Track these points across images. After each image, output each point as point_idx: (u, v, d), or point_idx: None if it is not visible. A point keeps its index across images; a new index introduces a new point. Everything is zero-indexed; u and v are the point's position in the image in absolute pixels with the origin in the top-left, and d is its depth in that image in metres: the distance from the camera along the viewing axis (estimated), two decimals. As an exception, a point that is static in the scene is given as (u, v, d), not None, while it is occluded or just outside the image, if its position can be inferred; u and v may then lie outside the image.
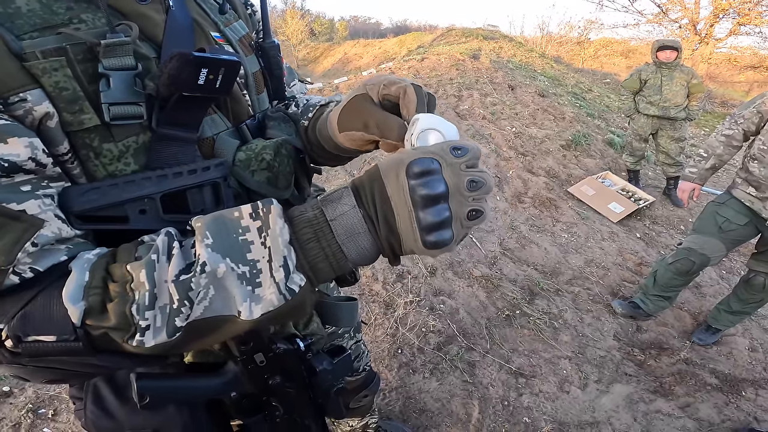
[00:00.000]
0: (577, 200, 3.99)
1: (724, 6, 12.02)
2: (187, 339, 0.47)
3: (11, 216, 0.43)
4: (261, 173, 0.64)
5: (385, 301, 2.46)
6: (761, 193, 2.06)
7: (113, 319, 0.43)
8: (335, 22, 32.09)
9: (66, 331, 0.43)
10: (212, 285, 0.45)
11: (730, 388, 2.24)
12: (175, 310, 0.44)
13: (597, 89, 8.18)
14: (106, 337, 0.44)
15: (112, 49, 0.49)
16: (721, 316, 2.45)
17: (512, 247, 3.15)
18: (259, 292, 0.46)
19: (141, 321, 0.44)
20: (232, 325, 0.47)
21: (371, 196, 0.47)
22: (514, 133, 4.71)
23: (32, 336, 0.43)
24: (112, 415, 0.65)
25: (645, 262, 3.20)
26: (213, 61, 0.53)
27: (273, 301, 0.46)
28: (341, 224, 0.47)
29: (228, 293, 0.45)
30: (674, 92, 3.90)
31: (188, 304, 0.44)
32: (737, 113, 2.21)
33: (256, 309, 0.46)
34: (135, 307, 0.43)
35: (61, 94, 0.48)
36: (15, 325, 0.43)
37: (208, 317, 0.46)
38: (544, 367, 2.22)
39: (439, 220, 0.44)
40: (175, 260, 0.45)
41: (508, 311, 2.53)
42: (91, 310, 0.43)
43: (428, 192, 0.43)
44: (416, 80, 4.98)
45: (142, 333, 0.44)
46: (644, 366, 2.34)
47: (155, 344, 0.45)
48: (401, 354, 2.16)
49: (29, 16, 0.47)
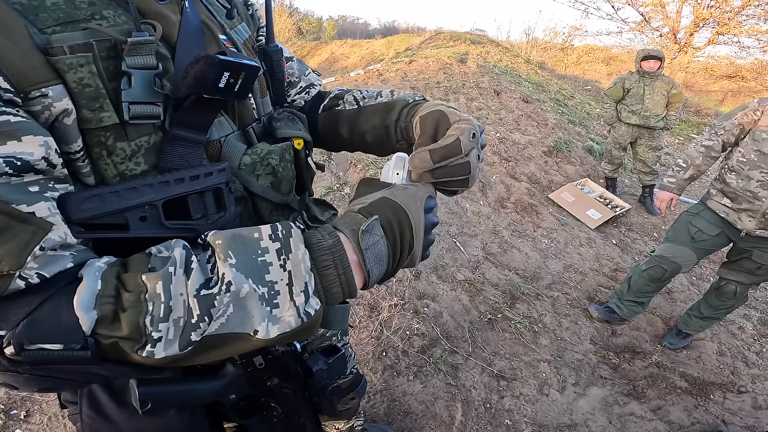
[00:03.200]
0: (558, 206, 4.06)
1: (705, 15, 12.28)
2: (196, 353, 0.47)
3: (21, 218, 0.41)
4: (266, 178, 0.66)
5: (369, 303, 2.46)
6: (737, 204, 2.07)
7: (125, 330, 0.43)
8: (323, 21, 31.88)
9: (74, 339, 0.42)
10: (233, 304, 0.46)
11: (699, 391, 2.31)
12: (192, 325, 0.45)
13: (579, 96, 8.33)
14: (116, 347, 0.43)
15: (136, 48, 0.49)
16: (691, 321, 2.51)
17: (495, 252, 3.20)
18: (277, 313, 0.48)
19: (154, 332, 0.43)
20: (244, 343, 0.48)
21: (398, 226, 0.55)
22: (498, 139, 4.77)
23: (37, 344, 0.41)
24: (110, 419, 0.64)
25: (620, 268, 3.29)
26: (235, 65, 0.53)
27: (291, 323, 0.48)
28: (374, 254, 0.54)
29: (246, 312, 0.46)
30: (655, 102, 3.95)
31: (207, 320, 0.45)
32: (717, 124, 2.20)
33: (273, 329, 0.47)
34: (149, 319, 0.43)
35: (83, 90, 0.47)
36: (20, 332, 0.41)
37: (221, 333, 0.46)
38: (525, 370, 2.26)
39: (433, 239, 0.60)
40: (194, 275, 0.45)
41: (491, 315, 2.58)
42: (102, 320, 0.43)
43: (433, 221, 0.59)
44: (404, 83, 5.02)
45: (154, 344, 0.44)
46: (618, 369, 2.41)
47: (165, 356, 0.44)
48: (386, 357, 2.17)
49: (53, 9, 0.46)
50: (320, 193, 3.35)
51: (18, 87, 0.43)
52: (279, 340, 0.49)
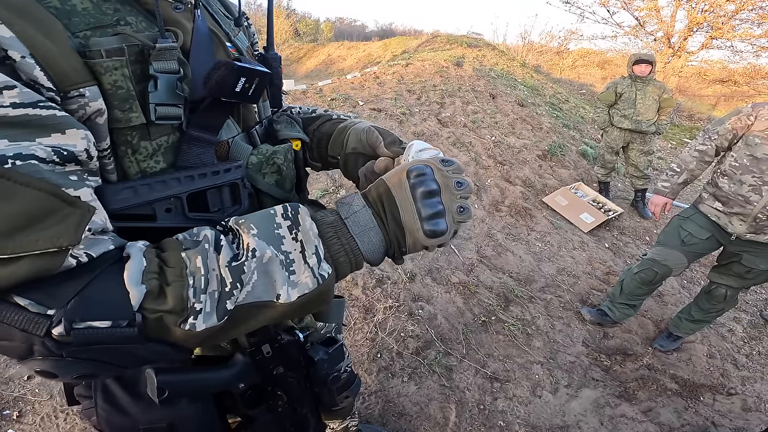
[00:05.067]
0: (551, 210, 4.09)
1: (699, 20, 12.33)
2: (229, 325, 0.50)
3: (69, 201, 0.43)
4: (271, 176, 0.70)
5: (364, 305, 2.47)
6: (728, 208, 2.08)
7: (171, 302, 0.45)
8: (320, 23, 31.83)
9: (122, 315, 0.44)
10: (257, 270, 0.50)
11: (690, 393, 2.33)
12: (227, 293, 0.48)
13: (573, 100, 8.39)
14: (160, 322, 0.46)
15: (162, 53, 0.52)
16: (682, 323, 2.53)
17: (489, 255, 3.22)
18: (295, 278, 0.51)
19: (196, 304, 0.46)
20: (269, 311, 0.52)
21: (378, 197, 0.58)
22: (493, 142, 4.80)
23: (87, 321, 0.43)
24: (125, 411, 0.65)
25: (612, 271, 3.32)
26: (251, 71, 0.58)
27: (308, 284, 0.52)
28: (354, 221, 0.57)
29: (269, 278, 0.50)
30: (647, 106, 3.97)
31: (239, 286, 0.49)
32: (711, 129, 2.19)
33: (293, 293, 0.51)
34: (191, 291, 0.46)
35: (117, 92, 0.50)
36: (71, 309, 0.42)
37: (250, 302, 0.50)
38: (518, 371, 2.27)
39: (435, 211, 0.55)
40: (224, 251, 0.49)
41: (484, 317, 2.59)
42: (150, 294, 0.45)
43: (424, 188, 0.55)
44: (400, 85, 5.05)
45: (195, 316, 0.46)
46: (610, 371, 2.42)
47: (205, 328, 0.47)
48: (380, 358, 2.18)
49: (83, 14, 0.49)
50: (316, 195, 3.37)
51: (59, 86, 0.45)
52: (299, 305, 0.52)
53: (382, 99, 5.08)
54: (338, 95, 4.90)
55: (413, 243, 0.57)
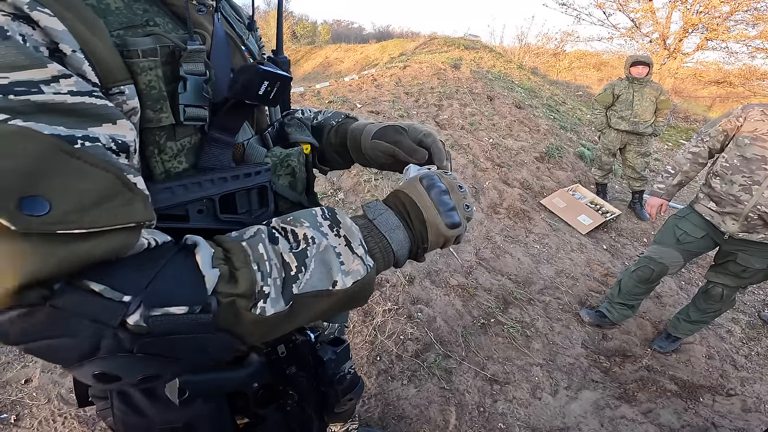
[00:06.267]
0: (549, 212, 4.10)
1: (694, 21, 12.42)
2: (291, 315, 0.51)
3: (130, 187, 0.43)
4: (285, 178, 0.71)
5: (363, 309, 2.46)
6: (721, 208, 2.12)
7: (242, 286, 0.46)
8: (318, 25, 31.87)
9: (198, 300, 0.43)
10: (315, 258, 0.52)
11: (689, 394, 2.33)
12: (292, 277, 0.50)
13: (570, 102, 8.41)
14: (232, 306, 0.46)
15: (191, 55, 0.53)
16: (680, 324, 2.54)
17: (487, 257, 3.22)
18: (346, 268, 0.54)
19: (265, 287, 0.47)
20: (324, 302, 0.53)
21: (399, 202, 0.62)
22: (491, 144, 4.81)
23: (164, 307, 0.42)
24: (141, 412, 0.65)
25: (611, 273, 3.32)
26: (274, 75, 0.60)
27: (360, 271, 0.54)
28: (382, 221, 0.60)
29: (326, 267, 0.52)
30: (644, 108, 3.98)
31: (303, 271, 0.50)
32: (703, 131, 2.25)
33: (348, 279, 0.53)
34: (259, 275, 0.47)
35: (150, 92, 0.51)
36: (149, 294, 0.41)
37: (308, 291, 0.51)
38: (518, 374, 2.27)
39: (451, 205, 0.62)
40: (281, 241, 0.51)
41: (483, 320, 2.59)
42: (222, 277, 0.45)
43: (438, 189, 0.62)
44: (398, 88, 5.04)
45: (264, 300, 0.47)
46: (610, 373, 2.42)
47: (273, 314, 0.48)
48: (380, 361, 2.17)
49: (117, 13, 0.50)
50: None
51: (103, 82, 0.46)
52: (351, 294, 0.55)
53: (379, 101, 5.08)
54: (336, 98, 4.91)
55: (436, 237, 0.62)
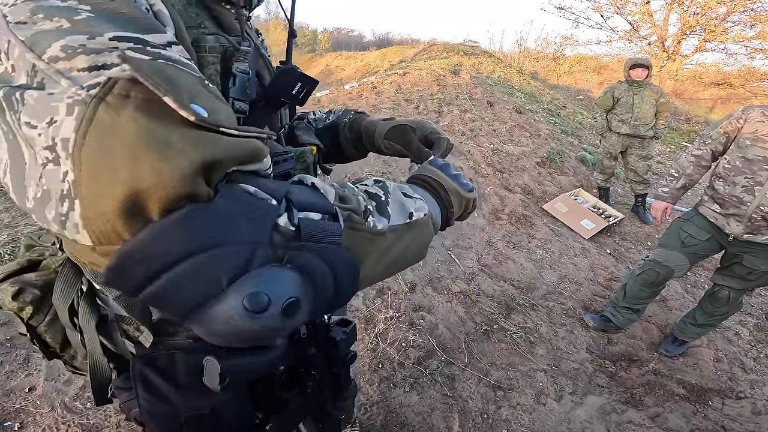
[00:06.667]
0: (552, 217, 4.08)
1: (692, 23, 12.41)
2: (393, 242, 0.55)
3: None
4: (300, 173, 0.73)
5: (365, 316, 2.46)
6: (725, 210, 2.13)
7: (354, 202, 0.51)
8: (318, 33, 32.12)
9: (327, 208, 0.47)
10: (391, 195, 0.58)
11: (698, 398, 2.30)
12: (384, 201, 0.56)
13: (571, 106, 8.41)
14: (350, 219, 0.49)
15: (241, 55, 0.60)
16: (687, 328, 2.52)
17: (489, 263, 3.21)
18: (410, 205, 0.60)
19: (368, 205, 0.53)
20: (409, 231, 0.57)
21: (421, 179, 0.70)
22: (492, 150, 4.81)
23: (305, 212, 0.45)
24: (167, 400, 0.64)
25: (615, 277, 3.30)
26: (307, 78, 0.67)
27: (424, 207, 0.61)
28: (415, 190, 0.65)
29: (399, 203, 0.58)
30: (644, 111, 3.97)
31: (385, 197, 0.57)
32: (705, 134, 2.26)
33: (419, 213, 0.60)
34: (360, 197, 0.53)
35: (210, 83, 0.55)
36: (292, 198, 0.45)
37: (395, 223, 0.56)
38: (521, 380, 2.25)
39: (461, 174, 0.73)
40: (358, 185, 0.58)
41: (486, 326, 2.57)
42: (336, 195, 0.50)
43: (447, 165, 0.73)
44: (398, 95, 5.06)
45: (372, 215, 0.52)
46: (615, 377, 2.40)
47: (381, 228, 0.53)
48: (382, 369, 2.16)
49: (182, 14, 0.54)
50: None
51: None
52: (425, 224, 0.61)
53: (380, 109, 5.09)
54: (336, 105, 4.93)
55: (459, 201, 0.70)
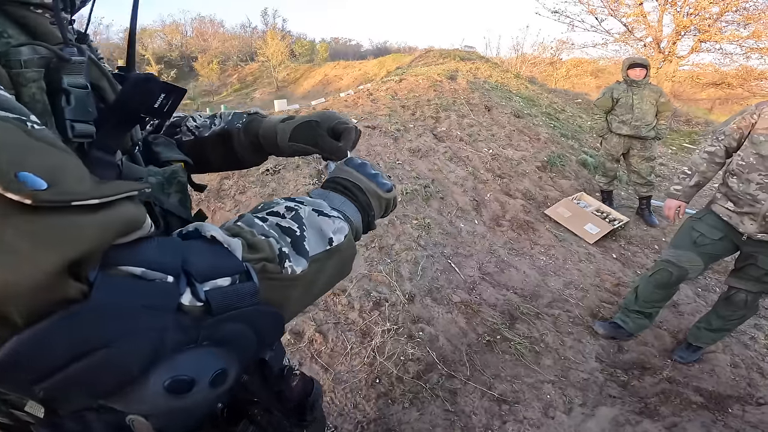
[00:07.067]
0: (554, 222, 4.00)
1: (686, 23, 12.47)
2: (314, 277, 0.52)
3: None
4: (176, 195, 0.68)
5: (361, 329, 2.39)
6: (739, 208, 2.08)
7: (266, 249, 0.46)
8: (316, 43, 32.37)
9: (235, 269, 0.43)
10: (307, 222, 0.53)
11: (716, 405, 2.22)
12: (300, 236, 0.51)
13: (570, 109, 8.39)
14: (265, 273, 0.45)
15: (74, 67, 0.49)
16: (701, 333, 2.45)
17: (491, 272, 3.13)
18: (330, 228, 0.56)
19: (283, 247, 0.48)
20: (331, 258, 0.54)
21: (337, 183, 0.67)
22: (491, 155, 4.75)
23: (210, 281, 0.40)
24: None
25: (622, 283, 3.21)
26: (172, 87, 0.58)
27: (344, 227, 0.58)
28: (330, 200, 0.63)
29: (317, 229, 0.54)
30: (644, 111, 3.92)
31: (305, 230, 0.52)
32: (719, 130, 2.23)
33: (339, 236, 0.56)
34: (271, 239, 0.48)
35: (35, 106, 0.45)
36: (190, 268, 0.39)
37: (317, 253, 0.52)
38: (528, 392, 2.17)
39: (379, 173, 0.70)
40: (269, 217, 0.52)
41: (489, 337, 2.49)
42: (243, 246, 0.45)
43: (363, 164, 0.71)
44: (394, 102, 5.02)
45: (289, 259, 0.48)
46: (628, 387, 2.32)
47: (302, 272, 0.49)
48: (379, 384, 2.10)
49: None
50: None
51: None
52: (346, 245, 0.57)
53: (376, 116, 5.04)
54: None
55: (378, 204, 0.68)
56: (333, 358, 2.22)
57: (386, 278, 2.80)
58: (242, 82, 24.91)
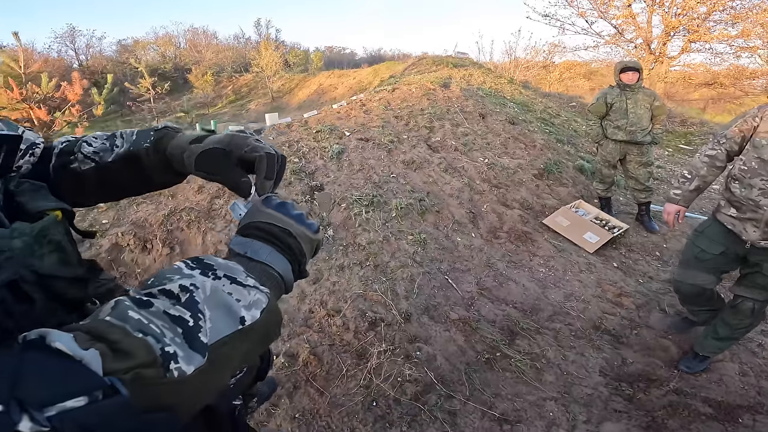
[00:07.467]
0: (553, 232, 3.95)
1: (674, 23, 12.55)
2: (217, 366, 0.45)
3: None
4: (51, 255, 0.58)
5: (357, 351, 2.34)
6: (741, 214, 2.04)
7: (138, 355, 0.38)
8: (310, 52, 32.45)
9: (93, 385, 0.34)
10: (207, 303, 0.46)
11: (726, 415, 2.17)
12: (193, 327, 0.43)
13: (565, 113, 8.36)
14: (142, 380, 0.37)
15: None
16: (708, 342, 2.40)
17: (489, 286, 3.07)
18: (245, 302, 0.49)
19: (167, 348, 0.40)
20: (243, 338, 0.48)
21: (257, 229, 0.61)
22: (486, 165, 4.70)
23: (55, 404, 0.33)
24: None
25: (624, 293, 3.15)
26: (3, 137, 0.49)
27: (261, 299, 0.51)
28: (254, 252, 0.58)
29: (225, 307, 0.47)
30: (639, 116, 3.88)
31: (202, 317, 0.44)
32: (720, 133, 2.19)
33: (254, 311, 0.49)
34: (151, 338, 0.39)
35: None
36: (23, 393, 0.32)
37: (221, 338, 0.45)
38: (530, 410, 2.12)
39: (303, 213, 0.66)
40: (157, 301, 0.44)
41: (488, 354, 2.44)
42: (105, 356, 0.36)
43: (284, 204, 0.65)
44: (387, 112, 4.96)
45: (176, 360, 0.40)
46: (634, 400, 2.26)
47: (195, 371, 0.41)
48: (376, 407, 2.05)
49: None
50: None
51: None
52: (265, 319, 0.51)
53: (368, 128, 5.00)
54: (323, 126, 4.83)
55: (310, 248, 0.64)
56: (328, 381, 2.16)
57: (382, 297, 2.74)
58: (237, 93, 24.90)
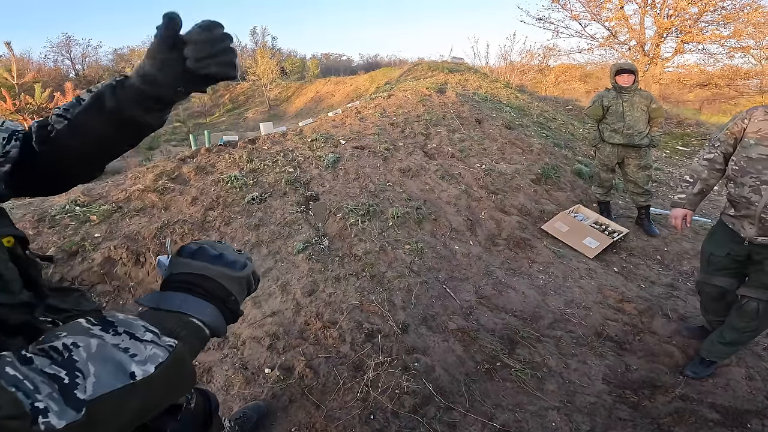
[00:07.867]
0: (552, 238, 3.91)
1: (667, 25, 12.65)
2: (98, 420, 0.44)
3: None
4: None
5: (354, 363, 2.29)
6: (738, 212, 2.11)
7: (8, 406, 0.39)
8: (306, 60, 32.57)
9: None
10: (91, 359, 0.46)
11: (734, 421, 2.13)
12: (69, 384, 0.43)
13: (561, 117, 8.38)
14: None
15: None
16: (714, 347, 2.38)
17: (488, 294, 3.03)
18: (141, 357, 0.48)
19: (38, 403, 0.41)
20: (134, 393, 0.47)
21: (176, 280, 0.61)
22: (483, 171, 4.67)
23: None
24: None
25: (626, 298, 3.11)
26: None
27: (158, 354, 0.50)
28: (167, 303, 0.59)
29: (113, 363, 0.47)
30: (636, 118, 3.85)
31: (81, 375, 0.44)
32: (715, 136, 2.27)
33: (148, 366, 0.48)
34: (22, 395, 0.40)
35: None
36: None
37: (104, 392, 0.45)
38: (531, 421, 2.08)
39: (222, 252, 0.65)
40: (35, 359, 0.44)
41: (488, 364, 2.40)
42: None
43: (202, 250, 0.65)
44: (383, 119, 4.95)
45: (45, 415, 0.40)
46: (639, 408, 2.22)
47: (66, 425, 0.41)
48: (374, 420, 2.01)
49: None
50: (297, 248, 3.18)
51: None
52: (163, 379, 0.50)
53: (364, 135, 4.98)
54: (319, 135, 4.81)
55: (238, 287, 0.64)
56: (325, 394, 2.12)
57: (378, 308, 2.70)
58: (234, 102, 24.97)
